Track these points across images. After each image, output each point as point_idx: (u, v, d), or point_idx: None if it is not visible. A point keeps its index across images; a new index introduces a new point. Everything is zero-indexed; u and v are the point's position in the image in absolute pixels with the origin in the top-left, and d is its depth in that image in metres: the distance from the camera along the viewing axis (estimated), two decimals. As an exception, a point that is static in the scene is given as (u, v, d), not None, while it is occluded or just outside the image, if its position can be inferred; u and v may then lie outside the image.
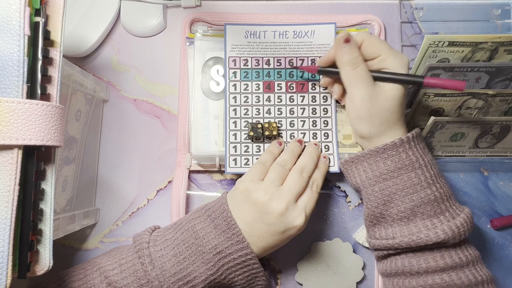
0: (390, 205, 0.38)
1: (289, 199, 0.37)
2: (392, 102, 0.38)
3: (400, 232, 0.38)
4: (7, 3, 0.28)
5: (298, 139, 0.43)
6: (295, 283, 0.46)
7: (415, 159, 0.38)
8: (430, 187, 0.37)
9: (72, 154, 0.43)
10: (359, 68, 0.38)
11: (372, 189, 0.39)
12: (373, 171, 0.39)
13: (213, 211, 0.38)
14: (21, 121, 0.28)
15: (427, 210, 0.37)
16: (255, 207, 0.37)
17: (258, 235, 0.37)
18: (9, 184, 0.28)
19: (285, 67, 0.46)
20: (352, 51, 0.38)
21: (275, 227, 0.37)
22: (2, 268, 0.27)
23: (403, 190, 0.38)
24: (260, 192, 0.37)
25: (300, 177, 0.39)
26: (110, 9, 0.49)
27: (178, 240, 0.37)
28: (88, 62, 0.50)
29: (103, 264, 0.37)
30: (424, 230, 0.37)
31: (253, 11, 0.51)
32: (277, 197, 0.37)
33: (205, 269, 0.36)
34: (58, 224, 0.40)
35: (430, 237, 0.36)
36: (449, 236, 0.35)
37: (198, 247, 0.36)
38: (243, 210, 0.37)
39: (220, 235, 0.36)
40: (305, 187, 0.39)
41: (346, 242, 0.46)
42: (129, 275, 0.36)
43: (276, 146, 0.43)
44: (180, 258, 0.36)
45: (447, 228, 0.36)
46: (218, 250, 0.36)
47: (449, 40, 0.41)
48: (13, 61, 0.28)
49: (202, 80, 0.46)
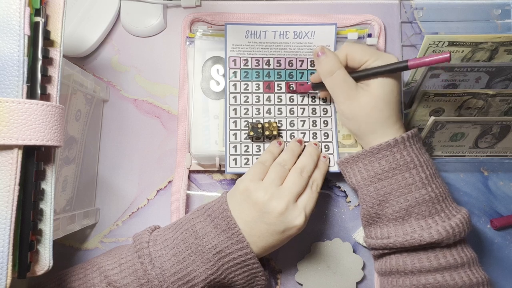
0: (385, 205, 0.38)
1: (289, 198, 0.37)
2: (378, 101, 0.38)
3: (395, 232, 0.38)
4: (7, 3, 0.28)
5: (298, 139, 0.43)
6: (295, 283, 0.46)
7: (410, 159, 0.38)
8: (425, 187, 0.37)
9: (72, 154, 0.43)
10: (335, 73, 0.39)
11: (367, 189, 0.39)
12: (368, 172, 0.39)
13: (213, 211, 0.38)
14: (21, 121, 0.28)
15: (422, 211, 0.37)
16: (255, 206, 0.37)
17: (258, 235, 0.37)
18: (9, 184, 0.28)
19: (285, 68, 0.46)
20: (327, 61, 0.39)
21: (275, 226, 0.37)
22: (2, 268, 0.27)
23: (397, 190, 0.38)
24: (260, 192, 0.37)
25: (300, 177, 0.39)
26: (110, 9, 0.49)
27: (178, 239, 0.37)
28: (88, 62, 0.50)
29: (102, 264, 0.37)
30: (418, 230, 0.37)
31: (253, 11, 0.51)
32: (277, 197, 0.37)
33: (204, 269, 0.36)
34: (58, 224, 0.40)
35: (424, 237, 0.36)
36: (443, 236, 0.35)
37: (198, 246, 0.36)
38: (243, 209, 0.37)
39: (220, 234, 0.36)
40: (304, 186, 0.39)
41: (346, 242, 0.46)
42: (128, 275, 0.36)
43: (276, 146, 0.43)
44: (180, 257, 0.36)
45: (441, 229, 0.36)
46: (218, 250, 0.36)
47: (449, 40, 0.41)
48: (13, 61, 0.28)
49: (202, 80, 0.46)
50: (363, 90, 0.39)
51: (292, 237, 0.38)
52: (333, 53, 0.40)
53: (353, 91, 0.39)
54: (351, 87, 0.39)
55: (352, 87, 0.39)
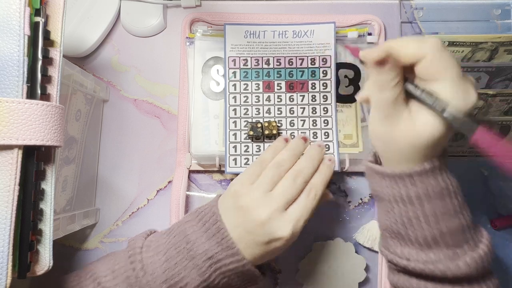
0: (410, 228, 0.33)
1: (276, 207, 0.34)
2: (420, 140, 0.31)
3: (416, 256, 0.33)
4: (7, 3, 0.28)
5: (303, 136, 0.40)
6: (295, 283, 0.46)
7: (445, 185, 0.32)
8: (457, 216, 0.32)
9: (72, 154, 0.43)
10: (386, 95, 0.30)
11: (392, 206, 0.34)
12: (396, 190, 0.33)
13: (204, 214, 0.36)
14: (21, 121, 0.28)
15: (451, 240, 0.32)
16: (240, 213, 0.35)
17: (245, 242, 0.34)
18: (9, 184, 0.28)
19: (285, 67, 0.46)
20: (383, 74, 0.30)
21: (258, 237, 0.34)
22: (2, 268, 0.27)
23: (428, 217, 0.32)
24: (246, 198, 0.35)
25: (293, 182, 0.36)
26: (110, 9, 0.49)
27: (170, 244, 0.35)
28: (88, 62, 0.50)
29: (96, 270, 0.36)
30: (444, 260, 0.32)
31: (253, 11, 0.51)
32: (263, 204, 0.34)
33: (196, 275, 0.34)
34: (58, 224, 0.40)
35: (451, 269, 0.31)
36: (472, 269, 0.31)
37: (189, 251, 0.34)
38: (231, 215, 0.35)
39: (211, 239, 0.34)
40: (298, 194, 0.36)
41: (348, 242, 0.46)
42: (121, 282, 0.35)
43: (281, 142, 0.39)
44: (171, 263, 0.35)
45: (469, 260, 0.31)
46: (209, 255, 0.34)
47: (449, 40, 0.41)
48: (13, 61, 0.28)
49: (202, 80, 0.46)
50: (408, 113, 0.31)
51: (283, 249, 0.35)
52: (394, 64, 0.30)
53: (397, 114, 0.31)
54: (396, 109, 0.31)
55: (399, 109, 0.31)
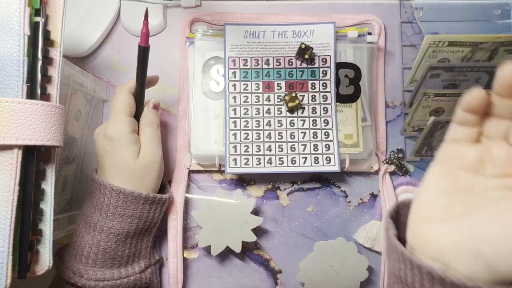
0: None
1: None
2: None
3: None
4: (7, 3, 0.28)
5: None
6: (295, 283, 0.46)
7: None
8: None
9: (72, 154, 0.43)
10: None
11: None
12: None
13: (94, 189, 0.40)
14: (21, 121, 0.28)
15: None
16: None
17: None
18: (9, 184, 0.28)
19: (285, 67, 0.46)
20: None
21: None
22: (2, 268, 0.27)
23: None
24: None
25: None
26: (110, 9, 0.49)
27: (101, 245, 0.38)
28: (88, 62, 0.50)
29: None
30: None
31: (253, 11, 0.51)
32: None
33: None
34: (58, 224, 0.40)
35: None
36: None
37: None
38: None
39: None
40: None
41: (349, 242, 0.46)
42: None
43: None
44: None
45: None
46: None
47: (449, 40, 0.41)
48: (13, 61, 0.28)
49: (202, 80, 0.46)
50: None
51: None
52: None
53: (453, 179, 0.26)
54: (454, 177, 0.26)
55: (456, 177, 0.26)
